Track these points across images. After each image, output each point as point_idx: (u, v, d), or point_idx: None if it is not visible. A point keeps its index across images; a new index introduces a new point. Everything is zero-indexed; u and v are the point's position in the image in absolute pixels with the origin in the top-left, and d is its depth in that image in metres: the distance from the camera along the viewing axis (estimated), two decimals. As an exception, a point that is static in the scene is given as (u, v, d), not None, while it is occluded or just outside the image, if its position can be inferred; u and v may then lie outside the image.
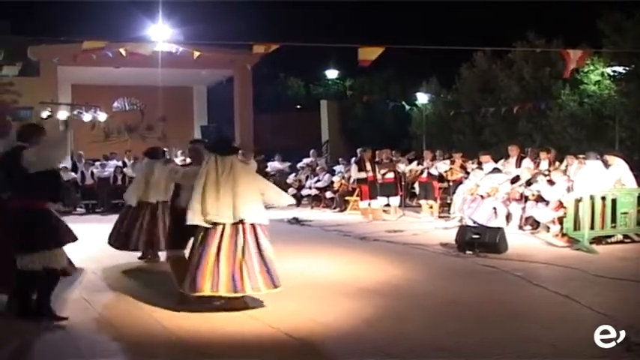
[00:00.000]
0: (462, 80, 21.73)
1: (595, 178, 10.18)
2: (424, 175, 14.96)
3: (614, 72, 16.71)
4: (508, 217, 11.88)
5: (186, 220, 6.03)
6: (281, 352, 5.06)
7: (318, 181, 17.76)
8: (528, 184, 11.76)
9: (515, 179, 12.26)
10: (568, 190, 10.54)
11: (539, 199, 11.21)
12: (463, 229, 9.90)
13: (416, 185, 15.67)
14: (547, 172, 11.77)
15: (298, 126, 25.95)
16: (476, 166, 13.78)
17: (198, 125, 25.35)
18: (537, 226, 11.38)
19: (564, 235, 10.17)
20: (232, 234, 6.02)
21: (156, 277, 7.87)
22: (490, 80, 20.34)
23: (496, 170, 12.65)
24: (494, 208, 11.83)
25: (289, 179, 18.66)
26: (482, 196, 12.16)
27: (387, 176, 14.57)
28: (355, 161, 14.96)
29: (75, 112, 20.78)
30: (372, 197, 14.26)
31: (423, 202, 15.04)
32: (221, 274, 5.89)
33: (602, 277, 7.46)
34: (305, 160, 19.11)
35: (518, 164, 13.14)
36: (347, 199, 16.37)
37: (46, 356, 5.06)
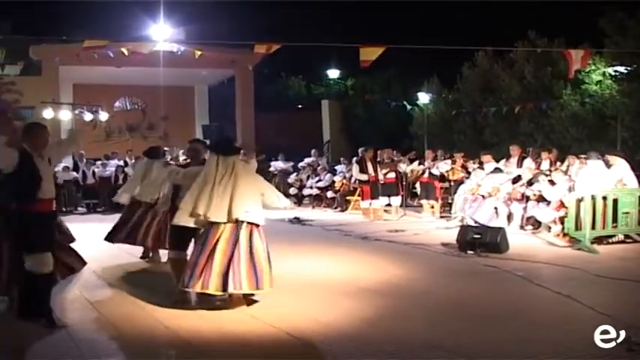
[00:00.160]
0: (463, 80, 21.73)
1: (596, 178, 10.17)
2: (425, 175, 14.95)
3: (616, 72, 16.68)
4: (509, 216, 11.87)
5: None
6: (282, 351, 5.06)
7: (319, 180, 17.76)
8: (530, 184, 11.76)
9: (516, 179, 12.25)
10: (569, 190, 10.54)
11: (541, 199, 11.21)
12: (464, 229, 9.90)
13: (417, 185, 15.68)
14: (548, 172, 11.76)
15: (299, 126, 25.94)
16: (477, 165, 13.79)
17: (199, 125, 25.35)
18: (538, 226, 11.38)
19: (565, 235, 10.17)
20: (230, 234, 6.03)
21: (157, 276, 7.88)
22: (491, 80, 20.34)
23: (497, 170, 12.66)
24: (495, 208, 11.83)
25: (290, 179, 18.66)
26: (483, 196, 12.17)
27: (389, 176, 14.56)
28: (356, 161, 14.94)
29: (76, 111, 20.79)
30: (373, 197, 14.24)
31: (424, 201, 15.04)
32: (212, 273, 5.91)
33: (604, 277, 7.46)
34: (306, 159, 19.09)
35: (519, 164, 13.12)
36: (348, 198, 16.36)
37: (46, 356, 5.06)
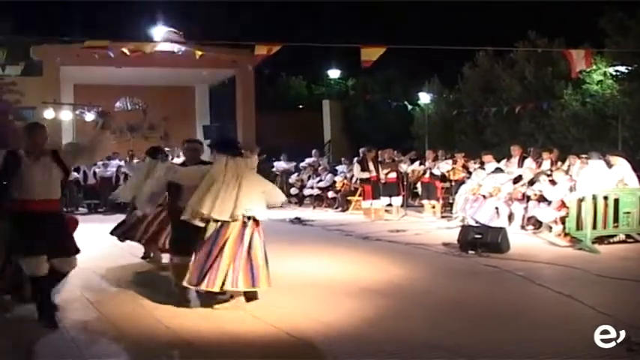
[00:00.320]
0: (464, 80, 21.71)
1: (597, 178, 10.17)
2: (426, 175, 14.96)
3: (617, 72, 16.66)
4: (510, 216, 11.87)
5: (190, 223, 6.10)
6: (283, 351, 5.05)
7: (320, 180, 17.77)
8: (531, 183, 11.75)
9: (517, 179, 12.24)
10: (570, 189, 10.53)
11: (542, 198, 11.20)
12: (465, 229, 9.89)
13: (418, 185, 15.69)
14: (549, 172, 11.76)
15: (300, 126, 25.92)
16: (478, 165, 13.78)
17: (200, 125, 25.32)
18: (539, 225, 11.38)
19: (567, 234, 10.16)
20: (238, 234, 6.08)
21: (157, 277, 7.88)
22: (492, 80, 20.32)
23: (498, 170, 12.66)
24: (496, 208, 11.82)
25: (291, 179, 18.68)
26: (484, 196, 12.17)
27: (390, 176, 14.56)
28: (358, 161, 14.94)
29: (77, 111, 20.86)
30: (374, 197, 14.24)
31: (425, 201, 15.04)
32: (219, 272, 5.93)
33: (605, 277, 7.45)
34: (307, 159, 19.10)
35: (520, 164, 13.12)
36: (349, 198, 16.37)
37: (47, 356, 5.06)
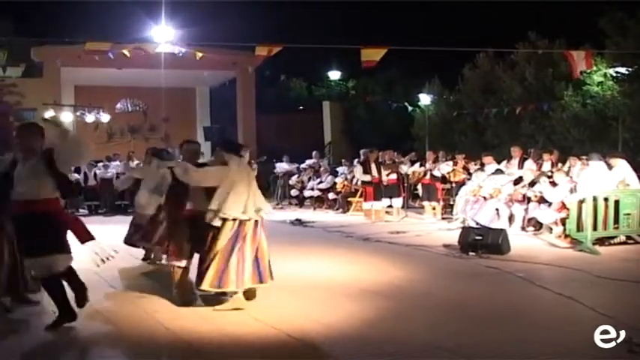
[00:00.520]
0: (464, 81, 21.71)
1: (598, 179, 10.17)
2: (427, 176, 14.96)
3: (617, 73, 16.65)
4: (511, 218, 11.87)
5: (201, 224, 6.20)
6: (283, 352, 5.06)
7: (320, 182, 17.77)
8: (531, 185, 11.75)
9: (517, 180, 12.24)
10: (571, 191, 10.54)
11: (542, 200, 11.21)
12: (466, 231, 9.89)
13: (419, 186, 15.68)
14: (550, 174, 11.76)
15: (301, 127, 25.93)
16: (478, 167, 13.78)
17: (200, 126, 25.35)
18: (540, 227, 11.38)
19: (567, 236, 10.17)
20: (253, 234, 6.22)
21: (158, 278, 7.87)
22: (492, 81, 20.32)
23: (498, 171, 12.66)
24: (496, 210, 11.83)
25: (292, 180, 18.67)
26: (484, 198, 12.17)
27: (390, 177, 14.55)
28: (360, 162, 14.93)
29: (78, 113, 20.89)
30: (376, 199, 14.24)
31: (425, 203, 15.04)
32: (230, 272, 6.02)
33: (605, 279, 7.45)
34: (307, 161, 19.09)
35: (520, 165, 13.12)
36: (349, 200, 16.37)
37: (47, 356, 5.07)
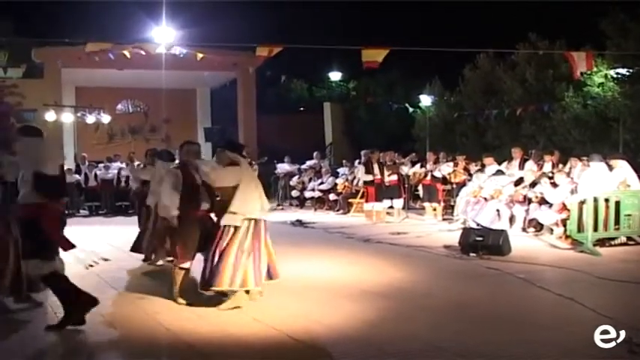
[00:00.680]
0: (465, 82, 21.69)
1: (599, 180, 10.17)
2: (428, 177, 14.96)
3: (618, 74, 16.65)
4: (511, 219, 11.87)
5: (207, 225, 6.41)
6: (284, 354, 5.06)
7: (321, 183, 17.76)
8: (532, 186, 11.75)
9: (518, 181, 12.25)
10: (572, 192, 10.54)
11: (543, 201, 11.21)
12: (466, 232, 9.89)
13: (419, 187, 15.68)
14: (550, 175, 11.76)
15: (301, 128, 25.91)
16: (479, 168, 13.77)
17: (201, 127, 25.32)
18: (541, 228, 11.38)
19: (568, 237, 10.18)
20: (264, 230, 6.34)
21: (159, 279, 7.88)
22: (493, 82, 20.31)
23: (499, 172, 12.66)
24: (497, 211, 11.83)
25: (292, 181, 18.67)
26: (485, 199, 12.18)
27: (391, 179, 14.55)
28: (363, 163, 14.93)
29: (79, 114, 20.88)
30: (378, 199, 14.24)
31: (426, 204, 15.04)
32: (240, 271, 6.11)
33: (606, 280, 7.46)
34: (308, 162, 19.10)
35: (521, 166, 13.12)
36: (350, 201, 16.37)
37: (47, 357, 5.07)
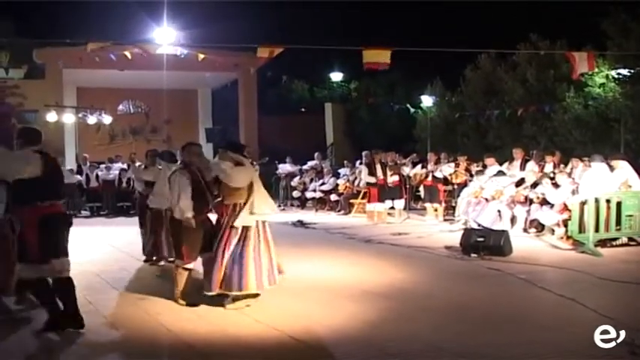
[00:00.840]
0: (466, 83, 21.69)
1: (600, 181, 10.17)
2: (429, 178, 14.95)
3: (619, 74, 16.64)
4: (513, 219, 11.86)
5: (210, 225, 6.44)
6: (285, 354, 5.06)
7: (322, 183, 17.76)
8: (533, 186, 11.75)
9: (519, 182, 12.24)
10: (573, 192, 10.53)
11: (544, 201, 11.20)
12: (468, 232, 9.90)
13: (421, 188, 15.67)
14: (552, 175, 11.76)
15: (303, 129, 25.91)
16: (480, 168, 13.77)
17: (202, 128, 25.36)
18: (542, 228, 11.37)
19: (569, 237, 10.17)
20: (261, 232, 6.34)
21: (159, 279, 7.90)
22: (494, 82, 20.31)
23: (500, 173, 12.66)
24: (498, 211, 11.83)
25: (294, 182, 18.68)
26: (486, 199, 12.18)
27: (392, 179, 14.55)
28: (366, 164, 14.91)
29: (80, 114, 20.91)
30: (380, 200, 14.23)
31: (427, 205, 15.04)
32: (249, 273, 6.15)
33: (607, 280, 7.46)
34: (310, 162, 19.11)
35: (522, 167, 13.10)
36: (352, 201, 16.36)
37: (47, 357, 5.07)
